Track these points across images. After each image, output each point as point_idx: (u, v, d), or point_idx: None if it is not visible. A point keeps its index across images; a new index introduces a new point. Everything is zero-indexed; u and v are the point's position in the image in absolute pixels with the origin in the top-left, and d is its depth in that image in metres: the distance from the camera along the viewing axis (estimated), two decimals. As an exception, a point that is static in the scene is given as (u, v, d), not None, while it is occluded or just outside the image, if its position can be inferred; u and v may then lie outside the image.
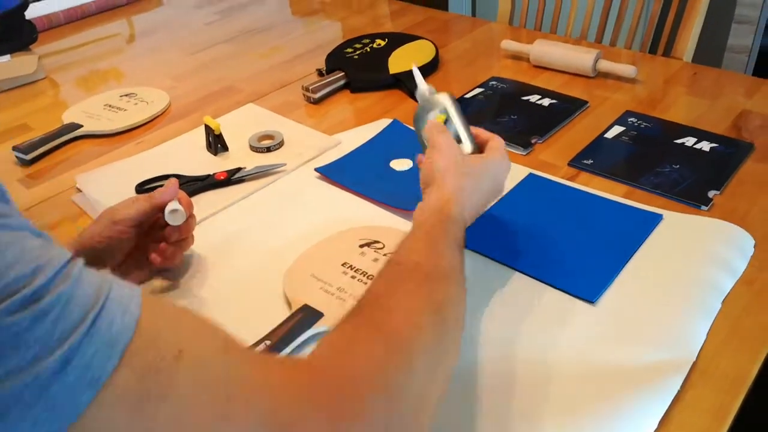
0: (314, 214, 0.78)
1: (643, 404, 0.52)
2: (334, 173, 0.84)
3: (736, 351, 0.58)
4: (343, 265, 0.68)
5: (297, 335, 0.58)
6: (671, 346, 0.57)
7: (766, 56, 1.90)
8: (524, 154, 0.87)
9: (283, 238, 0.74)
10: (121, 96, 1.09)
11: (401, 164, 0.85)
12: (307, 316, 0.61)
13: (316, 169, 0.85)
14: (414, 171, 0.84)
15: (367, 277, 0.66)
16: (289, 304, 0.64)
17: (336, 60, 1.13)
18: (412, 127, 0.93)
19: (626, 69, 1.01)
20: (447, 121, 0.68)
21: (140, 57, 1.29)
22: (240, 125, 0.98)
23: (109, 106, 1.05)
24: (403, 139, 0.91)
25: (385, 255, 0.69)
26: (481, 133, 0.69)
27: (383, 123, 0.95)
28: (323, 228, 0.74)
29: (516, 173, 0.82)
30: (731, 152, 0.83)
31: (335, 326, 0.45)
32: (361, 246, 0.70)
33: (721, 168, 0.80)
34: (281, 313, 0.62)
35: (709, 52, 1.86)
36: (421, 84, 0.71)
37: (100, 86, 1.16)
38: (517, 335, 0.60)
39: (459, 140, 0.67)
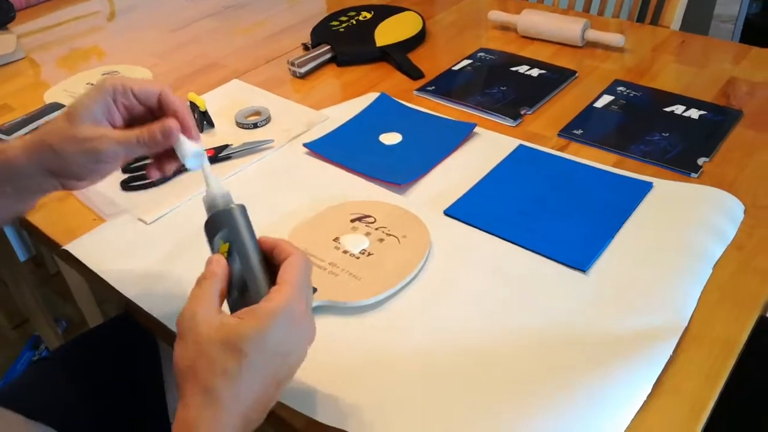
0: (304, 189, 0.77)
1: (636, 370, 0.53)
2: (323, 148, 0.83)
3: (727, 315, 0.58)
4: (334, 240, 0.67)
5: None
6: (663, 313, 0.58)
7: (752, 24, 1.90)
8: (514, 125, 0.86)
9: (273, 214, 0.73)
10: (103, 74, 1.07)
11: (391, 138, 0.85)
12: None
13: (305, 145, 0.84)
14: (404, 144, 0.83)
15: (360, 252, 0.65)
16: None
17: (321, 33, 1.12)
18: (401, 101, 0.93)
19: (614, 38, 1.01)
20: (231, 251, 0.48)
21: (121, 35, 1.26)
22: (225, 102, 0.96)
23: (92, 84, 1.03)
24: (392, 112, 0.90)
25: (377, 229, 0.68)
26: (281, 250, 0.48)
27: (371, 97, 0.94)
28: (313, 204, 0.73)
29: (506, 145, 0.81)
30: (720, 119, 0.83)
31: None
32: (353, 221, 0.70)
33: (710, 135, 0.80)
34: None
35: (696, 20, 1.86)
36: (213, 184, 0.52)
37: (82, 65, 1.14)
38: (510, 305, 0.60)
39: (245, 286, 0.47)
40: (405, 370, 0.55)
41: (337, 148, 0.83)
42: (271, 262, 0.48)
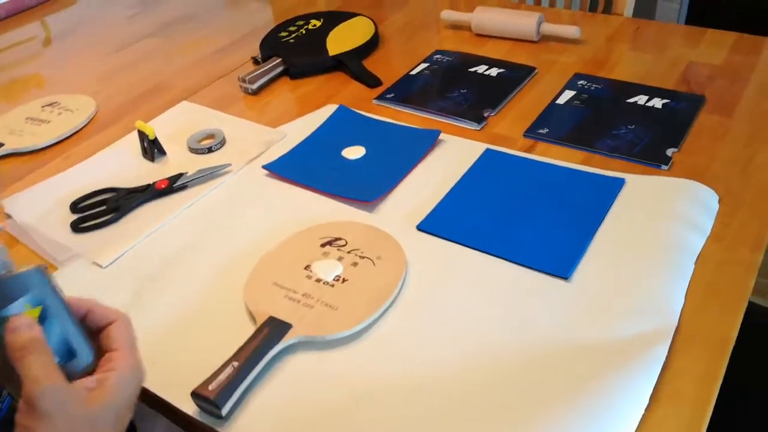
0: (268, 215, 0.74)
1: (632, 379, 0.51)
2: (284, 169, 0.79)
3: (716, 310, 0.57)
4: (305, 268, 0.64)
5: (265, 352, 0.54)
6: (652, 314, 0.56)
7: (696, 3, 1.93)
8: (478, 128, 0.84)
9: (237, 246, 0.69)
10: (43, 107, 1.01)
11: (354, 152, 0.81)
12: (274, 329, 0.57)
13: (264, 167, 0.80)
14: (368, 157, 0.80)
15: (334, 279, 0.62)
16: (253, 319, 0.60)
17: (271, 46, 1.08)
18: (362, 111, 0.90)
19: (569, 30, 0.99)
20: (44, 317, 0.43)
21: (60, 60, 1.20)
22: (176, 126, 0.92)
23: (31, 119, 0.98)
24: (352, 125, 0.87)
25: (349, 252, 0.65)
26: (99, 316, 0.47)
27: (330, 109, 0.91)
28: (279, 229, 0.70)
29: (472, 150, 0.79)
30: (683, 107, 0.82)
31: None
32: (323, 245, 0.66)
33: (676, 124, 0.79)
34: (246, 330, 0.58)
35: (643, 3, 1.87)
36: None
37: (21, 96, 1.07)
38: (493, 321, 0.57)
39: (70, 352, 0.43)
40: (391, 401, 0.52)
41: (298, 168, 0.80)
42: (86, 325, 0.46)
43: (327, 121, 0.88)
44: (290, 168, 0.79)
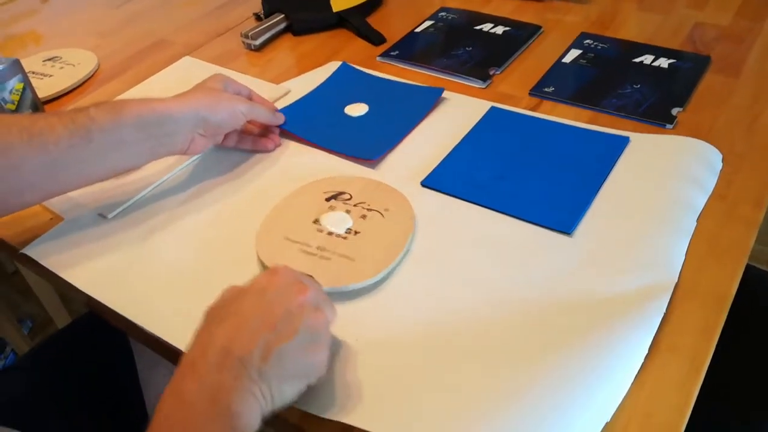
0: (270, 168, 0.74)
1: (632, 331, 0.52)
2: (286, 122, 0.79)
3: (716, 267, 0.57)
4: (314, 222, 0.64)
5: None
6: (653, 270, 0.57)
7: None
8: (484, 86, 0.84)
9: (242, 199, 0.70)
10: (44, 61, 1.00)
11: (357, 109, 0.81)
12: None
13: None
14: (371, 115, 0.80)
15: (346, 231, 0.62)
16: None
17: (274, 1, 1.06)
18: (365, 69, 0.89)
19: (576, -11, 0.98)
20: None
21: (58, 16, 1.18)
22: (178, 81, 0.91)
23: (33, 72, 0.97)
24: (356, 82, 0.86)
25: (356, 205, 0.65)
26: None
27: (333, 66, 0.90)
28: (283, 183, 0.70)
29: (477, 108, 0.79)
30: (689, 67, 0.82)
31: None
32: (328, 199, 0.66)
33: (682, 84, 0.79)
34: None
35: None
36: None
37: (19, 52, 1.06)
38: (496, 275, 0.58)
39: None
40: (403, 352, 0.53)
41: (300, 122, 0.79)
42: None
43: (329, 78, 0.87)
44: (292, 121, 0.79)
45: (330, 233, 0.63)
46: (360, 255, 0.60)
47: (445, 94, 0.82)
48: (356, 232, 0.62)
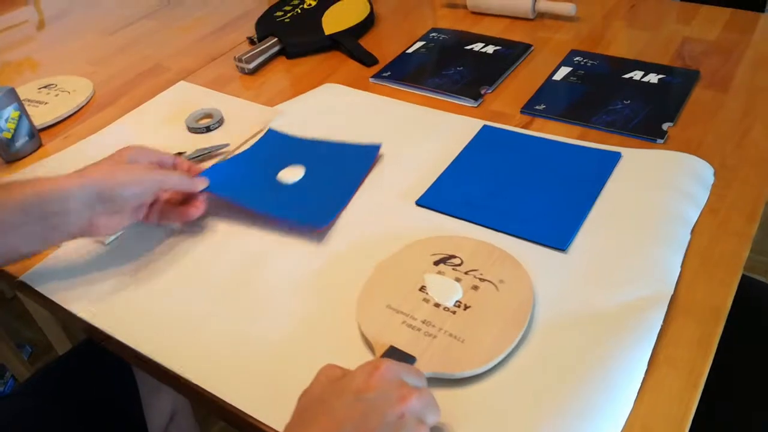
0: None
1: (630, 347, 0.52)
2: (213, 186, 0.70)
3: (711, 280, 0.58)
4: (420, 290, 0.58)
5: None
6: (648, 284, 0.57)
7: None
8: (476, 105, 0.84)
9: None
10: (39, 88, 1.01)
11: (290, 174, 0.74)
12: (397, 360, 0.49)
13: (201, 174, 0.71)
14: (307, 180, 0.74)
15: (455, 305, 0.56)
16: (368, 344, 0.55)
17: (266, 25, 1.07)
18: (353, 88, 0.89)
19: (565, 7, 1.00)
20: None
21: (54, 43, 1.20)
22: (174, 106, 0.92)
23: (28, 100, 0.97)
24: (287, 146, 0.79)
25: (466, 273, 0.59)
26: None
27: (326, 88, 0.91)
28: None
29: (470, 127, 0.79)
30: (679, 82, 0.83)
31: None
32: (436, 263, 0.60)
33: (672, 99, 0.80)
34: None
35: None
36: None
37: (15, 80, 1.07)
38: (494, 293, 0.58)
39: None
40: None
41: (230, 186, 0.72)
42: None
43: (257, 143, 0.81)
44: (220, 186, 0.71)
45: (437, 305, 0.56)
46: (470, 336, 0.53)
47: (437, 113, 0.82)
48: (466, 306, 0.56)
